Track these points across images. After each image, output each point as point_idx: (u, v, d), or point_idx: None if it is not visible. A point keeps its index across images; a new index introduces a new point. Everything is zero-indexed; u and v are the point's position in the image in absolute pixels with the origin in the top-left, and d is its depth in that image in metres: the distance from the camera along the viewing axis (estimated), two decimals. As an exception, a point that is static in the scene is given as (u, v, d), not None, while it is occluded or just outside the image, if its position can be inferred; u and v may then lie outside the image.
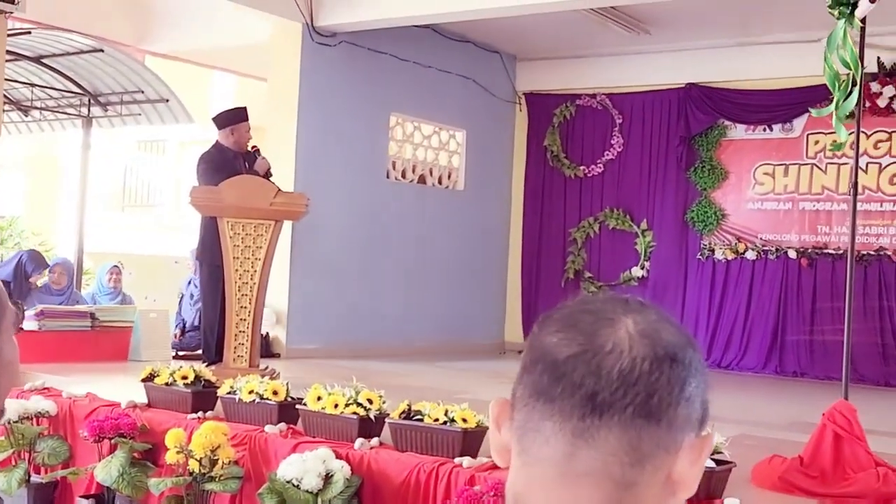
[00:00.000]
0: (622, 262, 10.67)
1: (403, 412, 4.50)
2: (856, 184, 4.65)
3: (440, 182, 10.63)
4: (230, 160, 6.85)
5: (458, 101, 10.43)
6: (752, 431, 5.59)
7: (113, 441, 4.94)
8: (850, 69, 4.53)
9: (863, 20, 4.45)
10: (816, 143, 9.54)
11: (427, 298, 10.02)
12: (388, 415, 4.59)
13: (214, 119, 7.22)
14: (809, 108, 5.38)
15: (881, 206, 9.41)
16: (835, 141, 4.93)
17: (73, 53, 9.81)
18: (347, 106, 9.33)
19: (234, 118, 7.06)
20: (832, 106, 4.64)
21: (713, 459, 3.79)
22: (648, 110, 10.54)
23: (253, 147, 7.03)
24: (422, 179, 10.42)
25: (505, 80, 11.01)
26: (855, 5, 4.37)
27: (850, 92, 4.51)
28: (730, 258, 10.05)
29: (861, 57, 4.46)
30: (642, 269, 10.54)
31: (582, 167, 10.89)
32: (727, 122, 10.12)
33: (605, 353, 0.95)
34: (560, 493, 0.94)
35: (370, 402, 4.65)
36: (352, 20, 8.77)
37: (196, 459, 4.55)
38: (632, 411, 0.94)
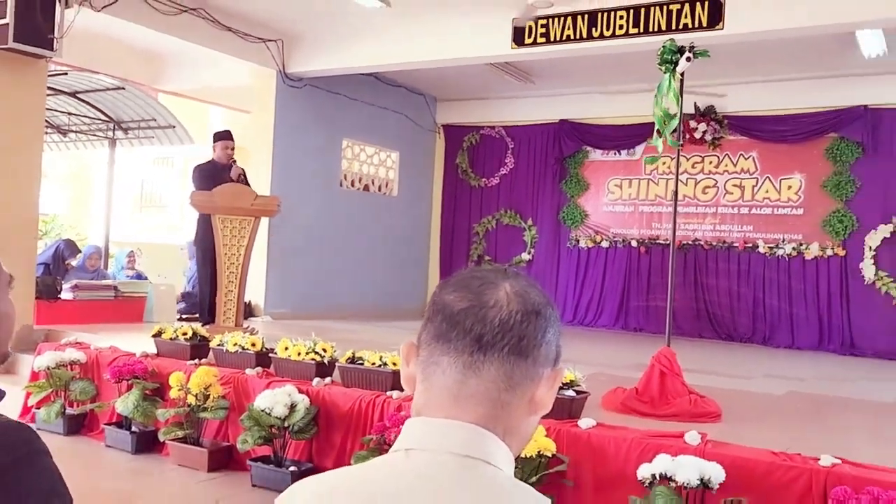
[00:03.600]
0: (513, 249, 10.71)
1: (349, 358, 4.47)
2: (676, 192, 4.69)
3: (380, 190, 10.54)
4: (218, 170, 6.71)
5: (393, 129, 10.36)
6: (604, 371, 5.70)
7: (129, 382, 4.84)
8: (675, 109, 4.59)
9: (682, 74, 4.51)
10: (652, 160, 9.57)
11: (370, 275, 9.95)
12: (338, 360, 4.55)
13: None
14: (647, 138, 5.40)
15: (696, 209, 9.61)
16: (649, 158, 5.06)
17: (101, 90, 9.50)
18: (311, 132, 9.19)
19: (216, 137, 7.02)
20: (667, 137, 4.69)
21: (574, 390, 3.84)
22: (533, 138, 10.59)
23: (232, 160, 6.87)
24: (366, 188, 10.32)
25: (428, 115, 10.97)
26: (676, 63, 4.42)
27: (672, 125, 4.56)
28: (590, 247, 10.16)
29: (681, 97, 4.52)
30: (529, 254, 10.59)
31: (484, 179, 10.91)
32: (589, 148, 10.23)
33: (489, 307, 0.94)
34: (453, 408, 0.93)
35: (325, 350, 4.61)
36: (314, 69, 8.64)
37: (193, 395, 4.46)
38: (507, 350, 0.93)
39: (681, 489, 3.02)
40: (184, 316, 7.72)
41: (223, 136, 6.95)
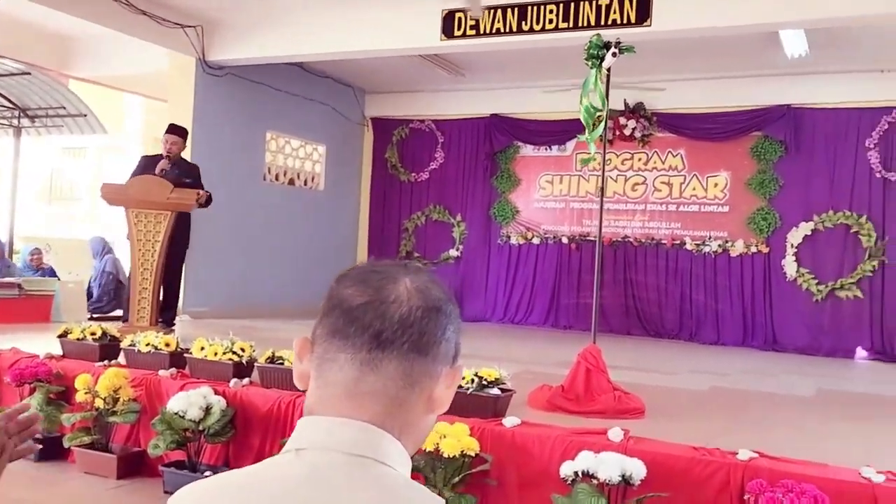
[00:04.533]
0: (442, 245, 10.74)
1: (269, 358, 4.40)
2: (603, 189, 4.80)
3: (305, 184, 10.43)
4: (156, 163, 6.45)
5: (320, 122, 10.25)
6: (532, 368, 5.77)
7: (32, 385, 4.64)
8: (601, 105, 4.67)
9: (608, 69, 4.59)
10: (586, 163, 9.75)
11: (293, 273, 9.82)
12: (257, 360, 4.47)
13: None
14: (578, 134, 5.48)
15: (626, 206, 9.82)
16: (585, 158, 5.11)
17: (5, 75, 9.12)
18: (232, 124, 9.01)
19: (165, 131, 6.76)
20: (592, 133, 4.76)
21: (499, 388, 3.86)
22: (463, 133, 10.64)
23: (167, 155, 6.59)
24: (291, 182, 10.20)
25: (356, 108, 10.90)
26: (602, 58, 4.49)
27: (598, 123, 4.64)
28: (521, 243, 10.25)
29: (607, 96, 4.60)
30: (457, 250, 10.62)
31: (413, 174, 10.90)
32: (520, 143, 10.32)
33: (390, 303, 0.93)
34: (347, 406, 0.92)
35: (243, 350, 4.53)
36: (236, 56, 8.47)
37: (101, 398, 4.31)
38: (407, 347, 0.93)
39: (603, 486, 3.07)
40: (95, 315, 7.46)
41: (167, 130, 6.73)
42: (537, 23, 6.95)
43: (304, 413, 0.96)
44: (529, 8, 7.00)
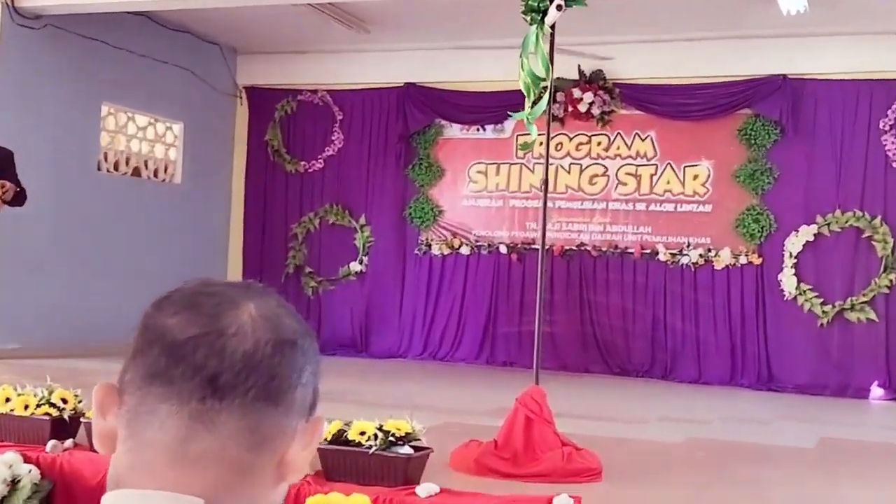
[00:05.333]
0: (342, 256, 10.70)
1: (100, 411, 4.26)
2: (546, 182, 4.92)
3: (156, 175, 10.30)
4: None
5: (175, 92, 10.14)
6: (457, 419, 5.80)
7: None
8: (544, 73, 4.72)
9: (553, 27, 4.65)
10: (524, 143, 9.75)
11: (137, 296, 9.38)
12: (84, 414, 4.35)
13: None
14: (509, 112, 5.55)
15: (581, 204, 9.96)
16: (525, 142, 5.24)
17: None
18: (54, 92, 8.82)
19: None
20: (532, 109, 4.82)
21: (411, 446, 3.85)
22: (368, 107, 10.63)
23: None
24: (136, 172, 10.06)
25: (225, 73, 10.83)
26: (545, 12, 4.55)
27: (542, 96, 4.71)
28: (446, 253, 10.30)
29: (551, 61, 4.65)
30: (361, 263, 10.61)
31: (303, 162, 10.87)
32: (443, 122, 10.37)
33: (230, 335, 0.92)
34: (170, 476, 0.90)
35: (64, 401, 4.40)
36: (57, 2, 8.28)
37: None
38: (254, 394, 0.92)
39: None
40: None
41: None
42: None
43: (107, 485, 0.94)
44: (453, -55, 7.06)
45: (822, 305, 9.02)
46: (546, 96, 4.69)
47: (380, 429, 3.82)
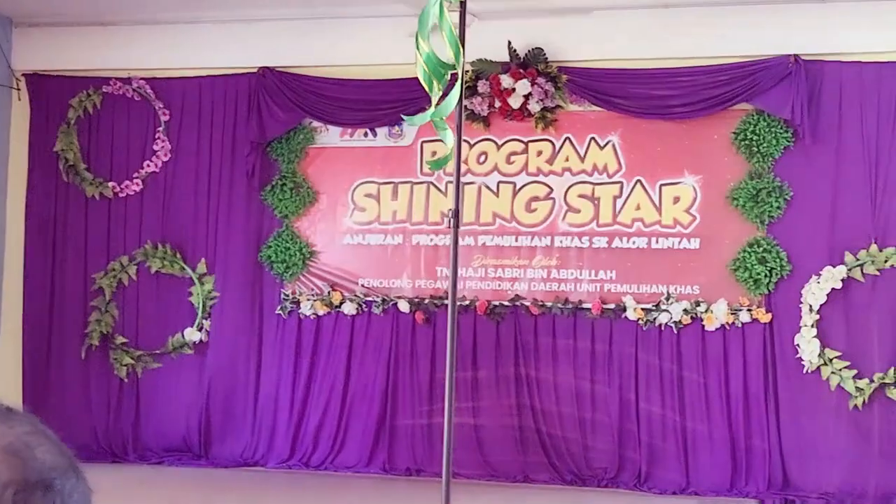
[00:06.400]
0: (171, 320, 10.54)
1: None
2: (457, 210, 5.03)
3: None
4: None
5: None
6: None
7: None
8: (454, 56, 4.81)
9: (463, -8, 4.67)
10: (434, 154, 9.67)
11: None
12: None
13: None
14: (403, 115, 5.48)
15: (516, 240, 9.89)
16: (437, 160, 5.21)
17: None
18: None
19: None
20: (438, 108, 4.95)
21: None
22: (207, 103, 10.51)
23: None
24: None
25: (-5, 53, 10.66)
26: (452, -34, 4.57)
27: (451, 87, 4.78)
28: (321, 313, 10.18)
29: (462, 40, 4.70)
30: (200, 330, 10.43)
31: (112, 183, 10.71)
32: (315, 123, 10.26)
33: None
34: None
35: None
36: None
37: None
38: None
39: None
40: None
41: None
42: None
43: None
44: None
45: (857, 380, 9.02)
46: (457, 88, 4.71)
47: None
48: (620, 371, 9.62)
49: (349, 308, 10.16)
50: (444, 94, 4.93)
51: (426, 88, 4.87)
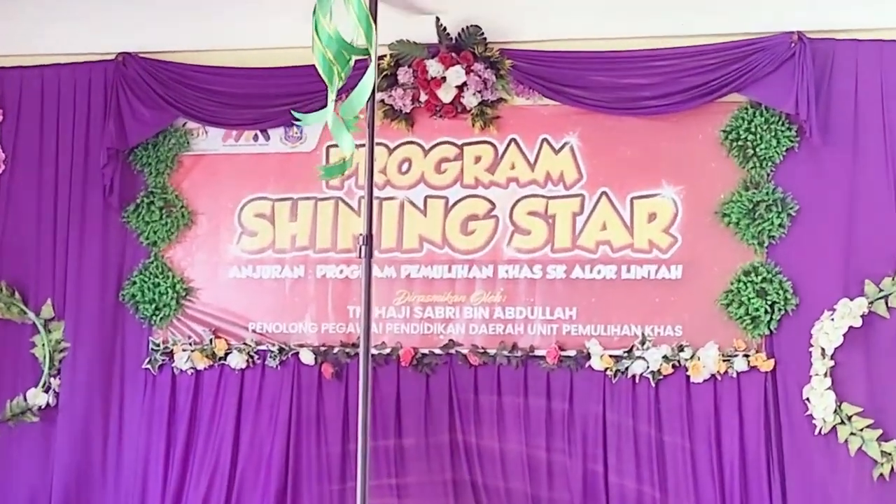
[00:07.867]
0: (8, 379, 9.64)
1: None
2: (370, 234, 5.14)
3: None
4: None
5: None
6: None
7: None
8: (366, 39, 5.01)
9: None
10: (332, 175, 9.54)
11: None
12: None
13: None
14: (293, 111, 5.60)
15: (450, 270, 9.19)
16: (331, 165, 5.89)
17: None
18: None
19: None
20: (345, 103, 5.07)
21: None
22: (52, 99, 9.70)
23: None
24: None
25: None
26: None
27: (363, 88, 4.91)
28: (201, 367, 9.38)
29: (374, 15, 4.77)
30: (47, 391, 9.55)
31: (-74, 201, 10.19)
32: (191, 125, 9.57)
33: None
34: None
35: None
36: None
37: None
38: None
39: None
40: None
41: None
42: None
43: None
44: None
45: (882, 442, 8.31)
46: (369, 75, 4.79)
47: None
48: (584, 436, 8.81)
49: (237, 360, 9.31)
50: (351, 86, 4.99)
51: (324, 79, 5.00)
